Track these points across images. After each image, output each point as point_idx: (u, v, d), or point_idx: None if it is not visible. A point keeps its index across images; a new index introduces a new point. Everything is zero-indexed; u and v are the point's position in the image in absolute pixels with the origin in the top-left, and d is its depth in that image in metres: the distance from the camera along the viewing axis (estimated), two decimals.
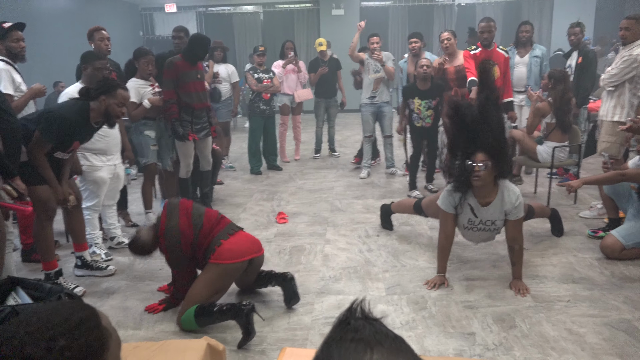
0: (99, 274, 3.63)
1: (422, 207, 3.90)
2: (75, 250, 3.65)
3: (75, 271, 3.67)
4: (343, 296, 3.24)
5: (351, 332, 0.64)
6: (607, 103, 4.59)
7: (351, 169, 6.57)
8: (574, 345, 2.64)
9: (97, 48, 4.32)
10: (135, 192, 4.99)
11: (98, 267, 3.66)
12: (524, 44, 5.70)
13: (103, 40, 4.31)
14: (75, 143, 3.29)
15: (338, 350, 0.62)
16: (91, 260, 3.68)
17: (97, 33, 4.33)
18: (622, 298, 3.10)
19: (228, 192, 5.73)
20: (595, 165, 6.14)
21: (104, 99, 3.20)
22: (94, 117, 3.25)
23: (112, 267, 3.69)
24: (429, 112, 5.08)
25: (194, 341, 1.83)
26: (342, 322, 0.67)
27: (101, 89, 3.21)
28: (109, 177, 3.84)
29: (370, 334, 0.63)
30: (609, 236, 3.67)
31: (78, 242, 3.63)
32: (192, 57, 4.52)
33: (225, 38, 11.57)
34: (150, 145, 4.34)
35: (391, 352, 0.62)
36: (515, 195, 3.16)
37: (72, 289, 3.34)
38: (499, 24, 11.97)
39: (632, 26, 4.36)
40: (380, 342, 0.62)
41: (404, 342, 0.65)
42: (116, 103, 3.23)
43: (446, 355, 2.60)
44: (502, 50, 4.98)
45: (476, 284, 3.34)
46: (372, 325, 0.66)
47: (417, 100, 5.07)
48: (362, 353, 0.61)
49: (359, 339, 0.62)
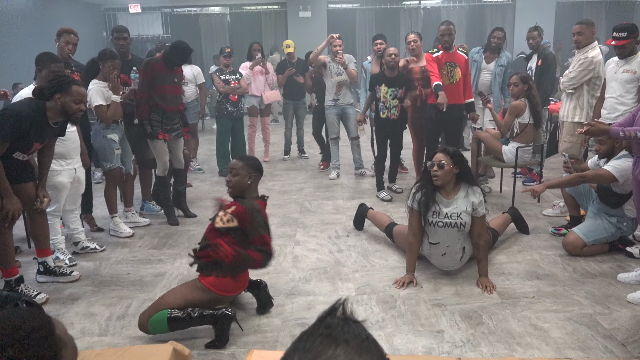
0: (62, 280, 3.53)
1: (392, 232, 3.93)
2: (38, 256, 3.54)
3: (37, 277, 3.56)
4: (313, 297, 3.24)
5: (323, 327, 0.64)
6: (566, 105, 4.73)
7: (320, 170, 6.58)
8: (538, 340, 2.70)
9: (61, 50, 4.20)
10: (100, 196, 4.86)
11: (61, 272, 3.55)
12: (493, 50, 5.79)
13: (68, 45, 4.20)
14: (36, 144, 3.18)
15: (304, 343, 0.62)
16: (54, 266, 3.57)
17: (65, 35, 4.21)
18: (583, 293, 3.19)
19: (197, 194, 5.66)
20: (557, 165, 6.32)
21: (59, 97, 3.10)
22: (52, 117, 3.15)
23: (76, 273, 3.59)
24: (395, 101, 5.10)
25: (159, 346, 1.79)
26: (321, 319, 0.68)
27: (54, 87, 3.11)
28: (69, 182, 3.74)
29: (341, 332, 0.63)
30: (571, 233, 3.78)
31: (41, 248, 3.51)
32: (168, 63, 4.46)
33: (192, 39, 11.43)
34: (114, 149, 4.24)
35: (355, 350, 0.62)
36: (479, 192, 3.31)
37: (33, 296, 3.24)
38: (463, 28, 12.23)
39: (584, 31, 4.52)
40: (347, 340, 0.62)
41: (375, 344, 0.65)
42: (72, 100, 3.13)
43: (415, 353, 2.62)
44: (462, 52, 5.08)
45: (444, 282, 3.39)
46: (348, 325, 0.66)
47: (384, 87, 5.09)
48: (326, 347, 0.61)
49: (327, 335, 0.62)
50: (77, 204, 3.99)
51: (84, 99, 3.22)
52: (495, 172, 5.94)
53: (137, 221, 4.67)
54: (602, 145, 3.67)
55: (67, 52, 4.21)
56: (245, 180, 2.89)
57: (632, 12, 11.90)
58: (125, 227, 4.45)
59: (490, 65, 5.82)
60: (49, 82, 3.18)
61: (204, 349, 2.69)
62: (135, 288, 3.44)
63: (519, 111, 4.80)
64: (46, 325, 0.86)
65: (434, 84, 4.80)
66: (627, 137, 2.95)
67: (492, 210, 4.82)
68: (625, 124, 3.14)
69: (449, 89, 4.88)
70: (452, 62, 4.93)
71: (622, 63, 4.11)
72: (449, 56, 4.94)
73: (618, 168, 3.49)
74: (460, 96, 5.02)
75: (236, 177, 2.89)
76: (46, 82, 3.24)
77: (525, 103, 4.81)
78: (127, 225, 4.49)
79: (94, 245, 4.09)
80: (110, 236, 4.42)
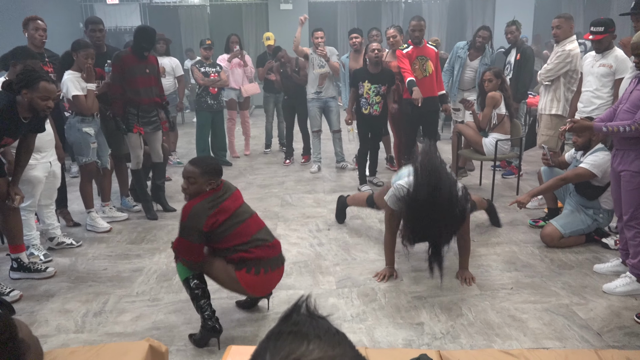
0: (37, 277, 3.45)
1: (374, 200, 3.93)
2: (11, 252, 3.45)
3: (10, 274, 3.47)
4: (294, 291, 3.22)
5: (290, 325, 0.62)
6: (544, 97, 4.79)
7: (301, 163, 6.55)
8: (516, 331, 2.73)
9: (31, 38, 4.10)
10: (75, 191, 4.77)
11: (36, 269, 3.48)
12: (478, 49, 5.81)
13: (37, 31, 4.09)
14: (6, 138, 3.09)
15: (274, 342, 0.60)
16: (28, 262, 3.49)
17: (32, 22, 4.10)
18: (560, 284, 3.24)
19: (176, 188, 5.58)
20: (535, 158, 6.39)
21: (25, 93, 3.02)
22: (21, 112, 3.07)
23: (51, 269, 3.52)
24: (378, 98, 5.09)
25: (134, 343, 1.76)
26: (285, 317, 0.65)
27: (21, 83, 3.03)
28: (44, 176, 3.65)
29: (309, 327, 0.61)
30: (549, 225, 3.83)
31: (14, 244, 3.43)
32: (138, 51, 4.35)
33: (171, 32, 11.26)
34: (90, 142, 4.15)
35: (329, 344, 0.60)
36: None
37: (7, 293, 3.17)
38: (444, 22, 12.28)
39: (562, 24, 4.58)
40: (318, 335, 0.60)
41: (344, 337, 0.63)
42: (39, 97, 3.04)
43: (396, 345, 2.63)
44: (431, 45, 5.14)
45: (424, 275, 3.40)
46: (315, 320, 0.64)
47: (367, 84, 5.08)
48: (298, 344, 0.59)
49: (296, 332, 0.60)
50: (52, 199, 3.90)
51: (52, 95, 3.12)
52: (474, 165, 5.99)
53: (115, 216, 4.59)
54: (579, 138, 3.71)
55: (39, 39, 4.10)
56: (204, 187, 2.63)
57: (609, 6, 12.06)
58: (103, 221, 4.38)
59: (474, 63, 5.84)
60: (17, 77, 3.09)
61: (182, 345, 2.66)
62: (112, 284, 3.39)
63: (496, 102, 4.89)
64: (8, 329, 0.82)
65: (407, 80, 4.84)
66: (609, 132, 2.98)
67: None
68: (607, 119, 3.17)
69: (423, 83, 4.93)
70: (423, 56, 4.99)
71: (599, 57, 4.16)
72: (419, 50, 4.99)
73: (594, 164, 3.54)
74: (434, 88, 5.11)
75: (194, 186, 2.63)
76: (15, 77, 3.15)
77: (501, 94, 4.90)
78: (104, 220, 4.41)
79: (70, 241, 4.01)
80: (87, 231, 4.34)
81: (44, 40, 4.18)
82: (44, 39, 4.15)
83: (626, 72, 3.99)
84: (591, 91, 4.21)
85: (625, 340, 2.63)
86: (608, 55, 4.11)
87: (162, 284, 3.37)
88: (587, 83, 4.27)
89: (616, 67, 4.06)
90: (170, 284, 3.36)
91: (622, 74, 4.02)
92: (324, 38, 5.78)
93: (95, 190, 4.72)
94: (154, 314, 2.99)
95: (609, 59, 4.09)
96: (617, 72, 4.06)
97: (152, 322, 2.91)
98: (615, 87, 4.09)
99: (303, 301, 0.67)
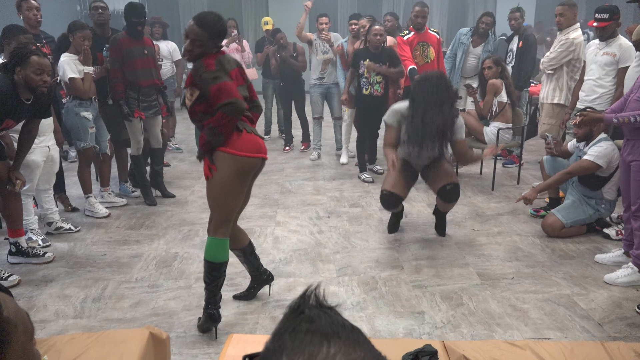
0: (35, 261, 3.43)
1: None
2: (10, 237, 3.42)
3: (9, 259, 3.45)
4: (294, 279, 3.21)
5: (305, 322, 0.58)
6: (546, 86, 4.75)
7: (301, 150, 6.51)
8: (517, 321, 2.72)
9: (26, 19, 4.03)
10: (73, 175, 4.74)
11: (35, 254, 3.45)
12: (481, 35, 5.75)
13: (31, 10, 4.03)
14: (8, 121, 3.04)
15: (292, 342, 0.57)
16: (27, 247, 3.47)
17: (25, 3, 4.04)
18: (561, 274, 3.23)
19: (175, 174, 5.55)
20: (536, 147, 6.37)
21: (19, 71, 2.97)
22: (22, 93, 3.02)
23: (50, 254, 3.49)
24: (379, 77, 5.01)
25: (134, 330, 1.74)
26: (295, 310, 0.62)
27: (13, 61, 2.97)
28: (42, 160, 3.61)
29: (327, 324, 0.58)
30: (550, 215, 3.81)
31: (13, 228, 3.40)
32: (131, 29, 4.29)
33: (170, 16, 11.13)
34: (88, 127, 4.10)
35: (348, 344, 0.57)
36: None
37: (5, 278, 3.14)
38: (444, 9, 12.15)
39: (566, 12, 4.52)
40: (337, 333, 0.57)
41: (360, 332, 0.60)
42: (33, 71, 2.97)
43: (396, 334, 2.62)
44: (433, 32, 5.04)
45: (425, 264, 3.39)
46: (328, 314, 0.61)
47: (368, 62, 5.02)
48: (318, 345, 0.55)
49: (314, 330, 0.57)
50: (50, 184, 3.86)
51: (46, 69, 3.04)
52: None
53: (114, 201, 4.56)
54: (579, 129, 3.66)
55: (34, 19, 4.04)
56: (211, 51, 2.42)
57: None
58: (101, 207, 4.34)
59: (477, 50, 5.78)
60: (10, 56, 3.04)
61: (181, 332, 2.65)
62: (111, 269, 3.37)
63: (497, 89, 4.85)
64: None
65: (409, 69, 4.77)
66: (620, 123, 2.94)
67: (473, 191, 4.84)
68: (617, 109, 3.14)
69: (425, 69, 4.86)
70: (425, 42, 4.91)
71: (603, 45, 4.11)
72: (420, 36, 4.91)
73: (599, 155, 3.51)
74: None
75: (199, 49, 2.40)
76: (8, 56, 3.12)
77: (502, 82, 4.85)
78: (103, 206, 4.38)
79: (69, 226, 3.98)
80: (85, 216, 4.31)
81: (40, 20, 4.11)
82: (38, 17, 4.09)
83: (630, 61, 3.94)
84: (594, 80, 4.17)
85: (626, 331, 2.63)
86: (612, 43, 4.06)
87: (161, 270, 3.35)
88: (589, 72, 4.22)
89: (620, 55, 4.01)
90: (170, 270, 3.34)
91: (626, 63, 3.97)
92: (329, 24, 5.72)
93: (93, 176, 4.69)
94: (153, 300, 2.98)
95: (613, 48, 4.04)
96: (620, 60, 4.02)
97: (151, 308, 2.89)
98: (618, 76, 4.05)
99: (312, 291, 0.64)
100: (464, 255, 3.51)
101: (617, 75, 4.05)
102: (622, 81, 3.96)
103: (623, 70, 3.97)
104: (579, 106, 4.21)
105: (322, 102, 5.96)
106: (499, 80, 4.87)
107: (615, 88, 4.05)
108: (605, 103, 4.05)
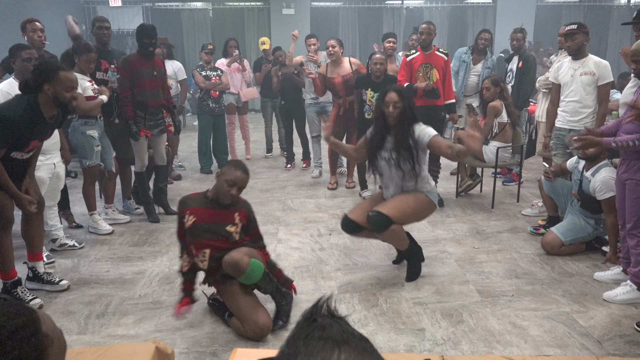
0: (49, 288, 3.34)
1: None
2: (29, 260, 3.35)
3: (26, 284, 3.34)
4: (296, 295, 3.23)
5: (318, 329, 0.63)
6: (542, 105, 4.81)
7: (302, 168, 6.57)
8: (517, 338, 2.75)
9: (30, 40, 4.12)
10: (77, 192, 4.79)
11: (49, 280, 3.35)
12: (480, 52, 5.83)
13: (36, 32, 4.11)
14: (34, 142, 3.00)
15: (305, 347, 0.61)
16: (43, 272, 3.39)
17: (29, 24, 4.13)
18: (561, 292, 3.25)
19: (178, 191, 5.60)
20: (535, 165, 6.42)
21: (48, 88, 2.89)
22: (46, 111, 2.95)
23: (64, 282, 3.37)
24: None
25: (141, 345, 1.77)
26: (308, 319, 0.66)
27: (40, 77, 2.88)
28: (48, 177, 3.65)
29: (338, 332, 0.63)
30: (549, 233, 3.84)
31: (33, 251, 3.34)
32: (143, 50, 4.41)
33: (174, 35, 11.30)
34: (94, 145, 4.16)
35: (358, 351, 0.61)
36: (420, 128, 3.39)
37: (28, 301, 3.12)
38: (444, 29, 12.32)
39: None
40: (347, 341, 0.62)
41: (368, 342, 0.65)
42: (63, 88, 2.92)
43: (397, 351, 2.64)
44: (441, 53, 5.02)
45: (425, 281, 3.42)
46: (339, 323, 0.65)
47: (370, 92, 5.07)
48: (329, 352, 0.60)
49: (326, 337, 0.62)
50: (55, 200, 3.90)
51: (75, 84, 3.02)
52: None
53: (117, 218, 4.60)
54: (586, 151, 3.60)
55: (39, 41, 4.12)
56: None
57: (609, 16, 12.13)
58: (105, 224, 4.38)
59: (477, 67, 5.85)
60: (33, 73, 2.95)
61: (184, 348, 2.67)
62: (114, 286, 3.40)
63: (497, 111, 4.89)
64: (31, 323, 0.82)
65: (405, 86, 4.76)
66: (619, 147, 2.96)
67: (473, 209, 4.88)
68: (614, 128, 3.18)
69: None
70: (428, 64, 4.86)
71: (578, 65, 4.12)
72: (425, 57, 4.88)
73: (609, 185, 3.45)
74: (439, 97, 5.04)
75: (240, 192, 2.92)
76: (29, 74, 3.04)
77: (502, 103, 4.89)
78: (106, 222, 4.42)
79: (73, 243, 4.02)
80: (89, 233, 4.35)
81: (44, 42, 4.19)
82: (43, 39, 4.16)
83: (609, 78, 4.03)
84: (576, 101, 4.14)
85: (625, 349, 2.65)
86: (587, 62, 4.08)
87: (164, 286, 3.38)
88: (571, 93, 4.18)
89: (599, 74, 4.05)
90: (172, 286, 3.37)
91: (605, 80, 4.03)
92: (317, 45, 5.85)
93: (97, 193, 4.74)
94: (157, 316, 3.00)
95: (590, 66, 4.06)
96: (600, 78, 4.06)
97: (155, 324, 2.92)
98: (599, 93, 4.08)
99: (324, 302, 0.68)
100: (464, 273, 3.54)
101: (598, 92, 4.09)
102: (604, 98, 4.05)
103: (603, 87, 4.03)
104: (565, 127, 4.25)
105: (319, 121, 6.02)
106: (499, 101, 4.89)
107: (599, 105, 4.10)
108: (592, 122, 4.10)
